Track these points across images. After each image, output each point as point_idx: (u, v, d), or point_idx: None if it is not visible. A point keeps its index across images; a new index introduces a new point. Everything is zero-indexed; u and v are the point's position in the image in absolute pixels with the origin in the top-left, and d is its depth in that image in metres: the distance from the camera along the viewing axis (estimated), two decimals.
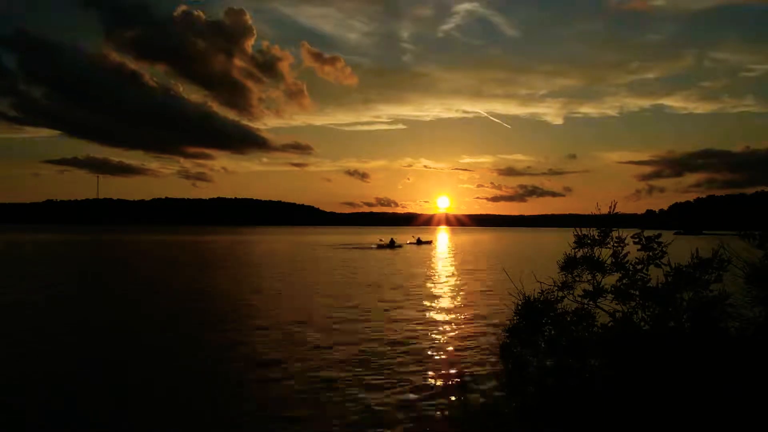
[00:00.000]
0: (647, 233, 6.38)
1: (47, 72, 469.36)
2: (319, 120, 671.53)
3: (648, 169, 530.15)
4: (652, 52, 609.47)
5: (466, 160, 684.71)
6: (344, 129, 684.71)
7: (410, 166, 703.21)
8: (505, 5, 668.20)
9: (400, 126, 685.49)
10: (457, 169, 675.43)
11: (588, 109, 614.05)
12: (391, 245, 68.07)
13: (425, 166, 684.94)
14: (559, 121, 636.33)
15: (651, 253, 6.26)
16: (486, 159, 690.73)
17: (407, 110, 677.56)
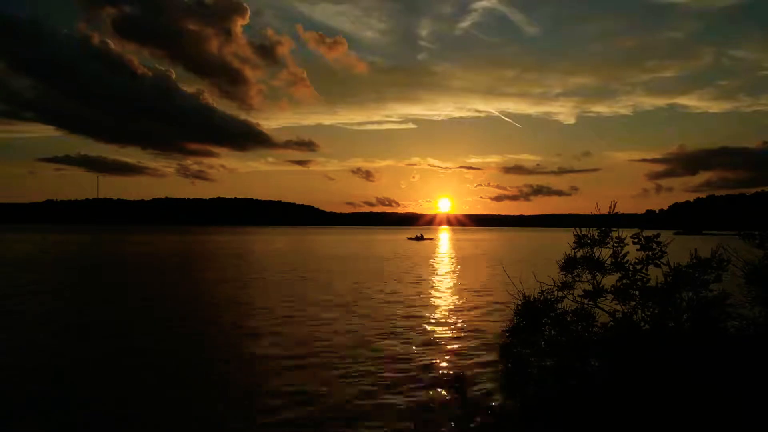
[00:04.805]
0: (646, 233, 6.38)
1: (28, 55, 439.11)
2: (329, 119, 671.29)
3: (660, 168, 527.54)
4: (671, 50, 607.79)
5: (473, 159, 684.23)
6: (354, 128, 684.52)
7: (415, 165, 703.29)
8: (526, 3, 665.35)
9: (410, 125, 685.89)
10: (462, 168, 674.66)
11: (601, 108, 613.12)
12: (420, 239, 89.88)
13: (430, 165, 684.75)
14: (571, 120, 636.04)
15: (650, 253, 6.26)
16: (493, 158, 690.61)
17: (419, 109, 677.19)
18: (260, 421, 7.76)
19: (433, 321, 15.93)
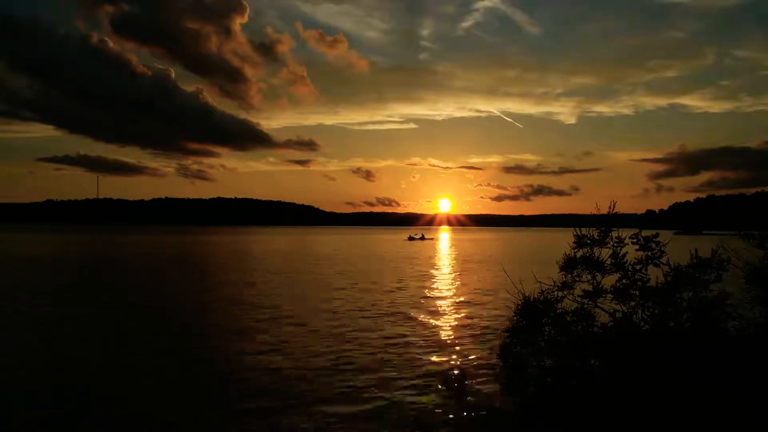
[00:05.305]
0: (645, 233, 6.38)
1: (27, 55, 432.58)
2: (330, 119, 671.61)
3: (660, 168, 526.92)
4: (673, 50, 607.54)
5: (474, 159, 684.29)
6: (355, 128, 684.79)
7: (415, 165, 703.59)
8: (528, 2, 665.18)
9: (411, 125, 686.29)
10: (463, 168, 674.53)
11: (603, 108, 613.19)
12: (421, 238, 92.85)
13: (431, 165, 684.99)
14: (572, 120, 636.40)
15: (649, 253, 6.26)
16: (494, 158, 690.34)
17: (420, 109, 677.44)
18: (260, 421, 7.76)
19: (433, 321, 15.93)
